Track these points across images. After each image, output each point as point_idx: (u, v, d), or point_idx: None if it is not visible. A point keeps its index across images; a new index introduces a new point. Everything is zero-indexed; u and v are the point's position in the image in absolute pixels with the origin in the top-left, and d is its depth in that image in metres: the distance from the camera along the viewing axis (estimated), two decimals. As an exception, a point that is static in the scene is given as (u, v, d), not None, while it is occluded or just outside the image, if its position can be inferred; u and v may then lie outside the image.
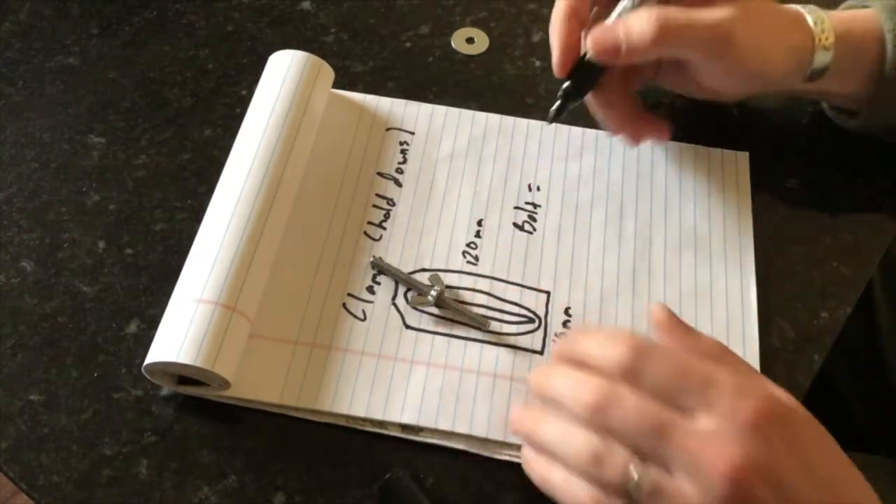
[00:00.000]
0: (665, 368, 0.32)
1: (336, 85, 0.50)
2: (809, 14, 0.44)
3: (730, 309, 0.43)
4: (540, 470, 0.35)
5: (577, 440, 0.33)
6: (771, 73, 0.44)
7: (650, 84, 0.48)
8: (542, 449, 0.35)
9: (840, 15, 0.45)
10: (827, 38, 0.43)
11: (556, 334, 0.42)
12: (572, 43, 0.43)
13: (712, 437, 0.31)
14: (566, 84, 0.44)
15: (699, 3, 0.42)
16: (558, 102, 0.44)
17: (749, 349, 0.42)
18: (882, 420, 0.57)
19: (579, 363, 0.35)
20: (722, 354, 0.35)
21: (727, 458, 0.30)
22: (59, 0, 0.55)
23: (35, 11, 0.55)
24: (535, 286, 0.43)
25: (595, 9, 0.45)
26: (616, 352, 0.33)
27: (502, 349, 0.41)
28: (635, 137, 0.46)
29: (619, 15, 0.43)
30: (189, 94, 0.51)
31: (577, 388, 0.33)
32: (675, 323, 0.37)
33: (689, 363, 0.33)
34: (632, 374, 0.33)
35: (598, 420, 0.32)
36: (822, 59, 0.44)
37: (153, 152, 0.48)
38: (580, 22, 0.43)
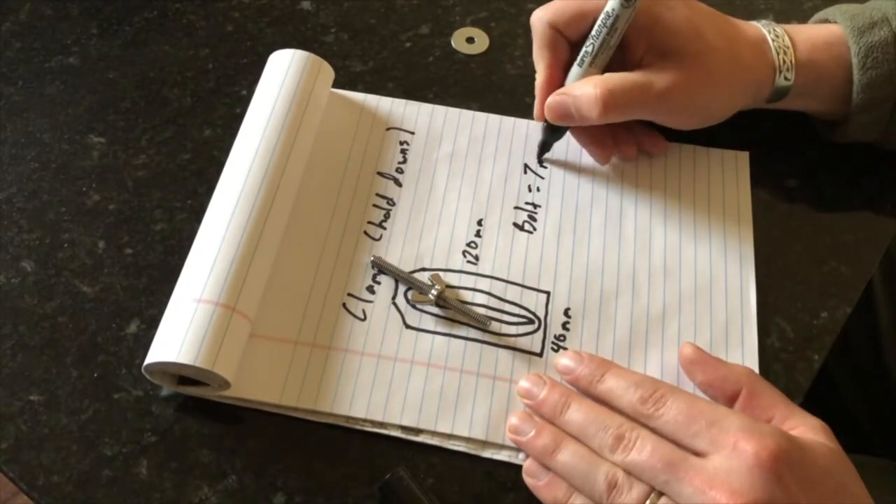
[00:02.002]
0: (674, 413, 0.35)
1: (336, 85, 0.50)
2: (773, 40, 0.44)
3: (730, 309, 0.43)
4: (557, 493, 0.36)
5: (598, 471, 0.35)
6: (725, 114, 0.45)
7: None
8: (558, 473, 0.36)
9: (803, 34, 0.45)
10: (788, 69, 0.44)
11: (555, 336, 0.42)
12: (547, 95, 0.45)
13: (718, 475, 0.32)
14: (544, 126, 0.47)
15: (649, 59, 0.43)
16: (541, 140, 0.47)
17: (749, 349, 0.42)
18: (883, 420, 0.57)
19: (597, 397, 0.38)
20: (752, 383, 0.37)
21: (730, 497, 0.31)
22: (59, 0, 0.55)
23: (35, 11, 0.55)
24: (535, 286, 0.43)
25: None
26: (636, 395, 0.36)
27: (502, 350, 0.41)
28: (627, 157, 0.48)
29: (571, 79, 0.44)
30: (189, 94, 0.51)
31: (602, 424, 0.36)
32: (703, 358, 0.40)
33: (698, 406, 0.35)
34: (648, 417, 0.35)
35: (619, 456, 0.35)
36: (780, 84, 0.44)
37: (153, 152, 0.48)
38: (556, 76, 0.45)
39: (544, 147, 0.47)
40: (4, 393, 0.40)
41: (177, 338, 0.37)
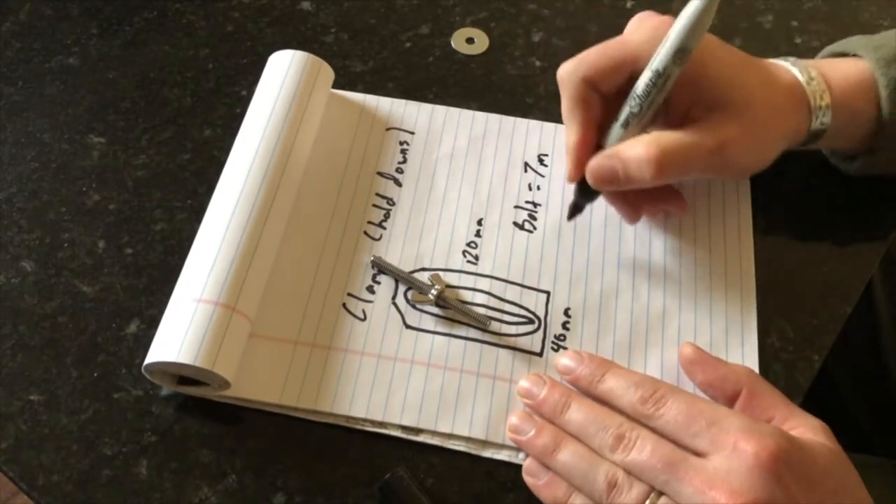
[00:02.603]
0: (674, 413, 0.35)
1: (336, 85, 0.50)
2: (808, 84, 0.42)
3: (730, 309, 0.43)
4: (557, 493, 0.36)
5: (598, 470, 0.35)
6: (764, 165, 0.43)
7: None
8: (558, 472, 0.36)
9: (837, 74, 0.43)
10: (824, 112, 0.42)
11: (555, 336, 0.42)
12: (583, 158, 0.42)
13: (718, 475, 0.32)
14: (577, 188, 0.44)
15: (696, 113, 0.41)
16: (572, 205, 0.45)
17: (749, 349, 0.42)
18: (883, 420, 0.57)
19: (597, 397, 0.38)
20: (752, 383, 0.37)
21: (730, 497, 0.31)
22: (59, 0, 0.55)
23: (35, 11, 0.55)
24: (535, 286, 0.43)
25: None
26: (636, 395, 0.36)
27: (502, 350, 0.41)
28: (651, 215, 0.46)
29: (614, 140, 0.41)
30: (189, 94, 0.51)
31: (603, 423, 0.36)
32: (703, 358, 0.39)
33: (698, 407, 0.35)
34: (648, 417, 0.35)
35: (619, 456, 0.35)
36: (817, 128, 0.43)
37: (153, 152, 0.48)
38: (591, 137, 0.43)
39: (576, 209, 0.45)
40: (4, 393, 0.40)
41: (177, 338, 0.37)
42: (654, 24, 0.41)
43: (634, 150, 0.40)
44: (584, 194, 0.44)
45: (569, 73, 0.41)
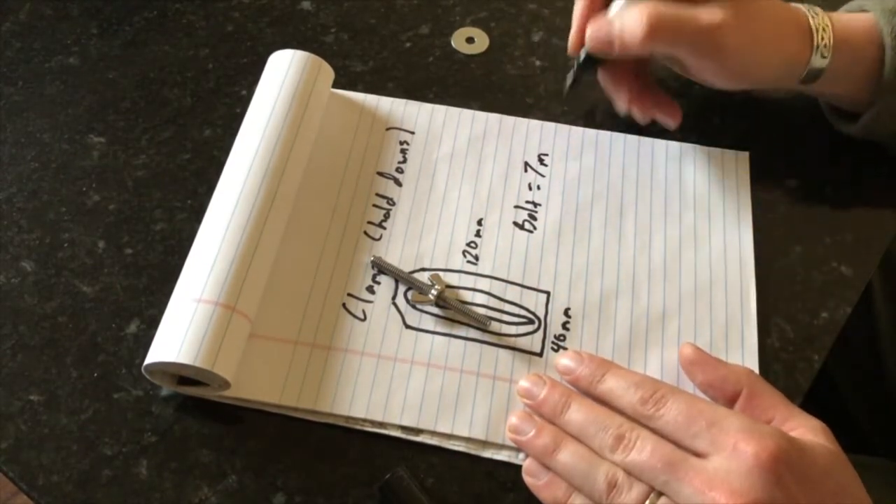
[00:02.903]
0: (674, 413, 0.35)
1: (336, 85, 0.50)
2: (813, 18, 0.44)
3: (729, 309, 0.43)
4: (557, 493, 0.36)
5: (598, 471, 0.35)
6: (760, 77, 0.45)
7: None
8: (558, 473, 0.36)
9: (841, 18, 0.45)
10: (825, 47, 0.44)
11: (555, 336, 0.42)
12: (585, 27, 0.45)
13: (718, 476, 0.32)
14: (578, 60, 0.46)
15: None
16: (572, 73, 0.46)
17: (749, 349, 0.42)
18: (883, 420, 0.57)
19: (597, 398, 0.38)
20: (752, 383, 0.37)
21: (730, 498, 0.31)
22: (59, 0, 0.55)
23: (35, 11, 0.55)
24: (535, 286, 0.43)
25: None
26: (636, 396, 0.36)
27: (502, 350, 0.41)
28: (643, 113, 0.47)
29: (616, 7, 0.43)
30: (189, 94, 0.51)
31: (603, 424, 0.36)
32: (703, 358, 0.40)
33: (698, 407, 0.35)
34: (648, 417, 0.35)
35: (619, 456, 0.35)
36: (817, 64, 0.44)
37: (153, 152, 0.48)
38: (596, 8, 0.45)
39: (575, 83, 0.47)
40: (4, 393, 0.40)
41: (177, 338, 0.37)
42: None
43: (630, 14, 0.42)
44: (584, 65, 0.46)
45: None
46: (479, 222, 0.46)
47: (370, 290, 0.43)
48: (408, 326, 0.42)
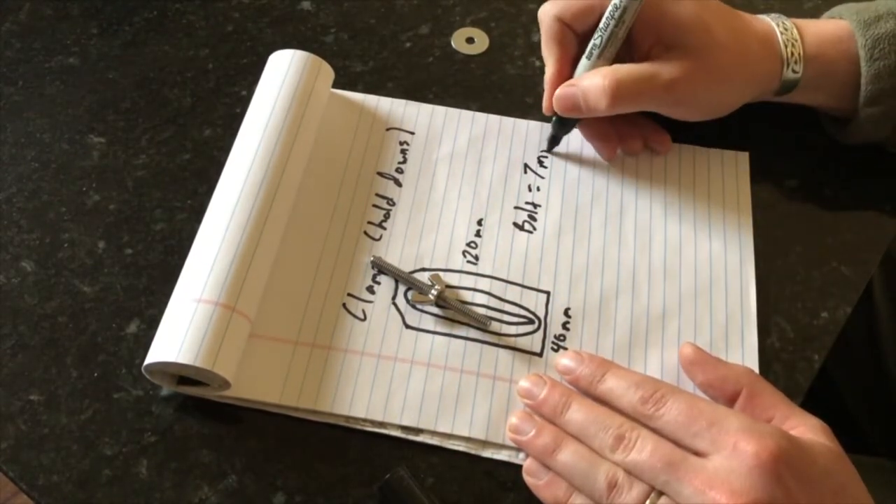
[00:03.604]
0: (675, 413, 0.35)
1: (336, 85, 0.50)
2: (782, 33, 0.44)
3: (730, 309, 0.43)
4: (557, 493, 0.36)
5: (598, 470, 0.35)
6: (733, 105, 0.46)
7: None
8: (558, 472, 0.36)
9: (812, 28, 0.45)
10: (796, 61, 0.44)
11: (555, 336, 0.42)
12: (554, 88, 0.46)
13: (718, 475, 0.32)
14: (553, 120, 0.47)
15: (657, 52, 0.43)
16: (551, 134, 0.48)
17: (749, 349, 0.42)
18: (883, 420, 0.57)
19: (597, 397, 0.38)
20: (752, 383, 0.38)
21: (730, 497, 0.31)
22: (59, 0, 0.55)
23: (35, 11, 0.55)
24: (535, 286, 0.43)
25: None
26: (636, 396, 0.36)
27: (502, 350, 0.41)
28: (632, 152, 0.48)
29: (580, 72, 0.45)
30: (189, 94, 0.51)
31: (603, 424, 0.36)
32: (703, 358, 0.40)
33: (699, 407, 0.35)
34: (649, 417, 0.35)
35: (619, 456, 0.35)
36: (789, 77, 0.45)
37: (153, 152, 0.48)
38: (564, 72, 0.46)
39: (554, 141, 0.48)
40: (4, 393, 0.40)
41: (177, 338, 0.37)
42: None
43: (592, 80, 0.43)
44: (560, 125, 0.47)
45: (545, 12, 0.45)
46: (479, 222, 0.46)
47: (370, 290, 0.43)
48: (408, 326, 0.42)
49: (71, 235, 0.45)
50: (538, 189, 0.47)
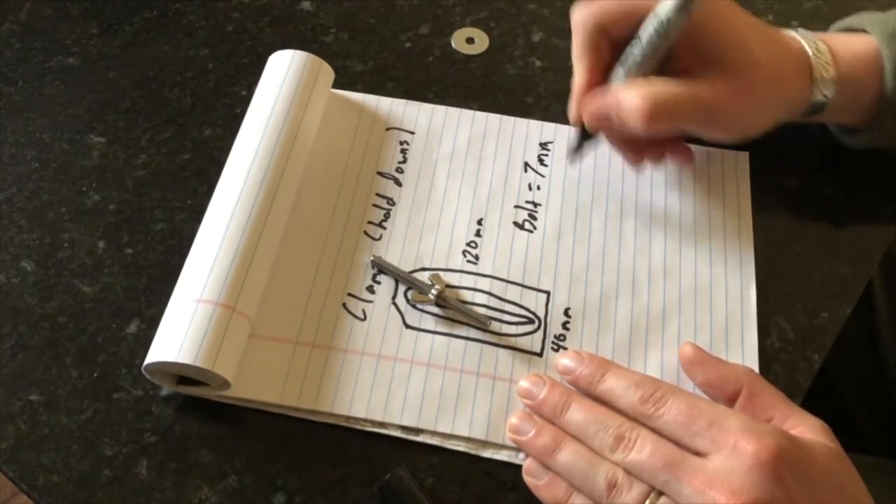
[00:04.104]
0: (674, 413, 0.35)
1: (336, 85, 0.50)
2: (813, 54, 0.43)
3: (730, 309, 0.43)
4: (557, 493, 0.36)
5: (598, 470, 0.35)
6: (761, 129, 0.44)
7: None
8: (558, 472, 0.36)
9: (843, 48, 0.44)
10: (828, 88, 0.43)
11: (555, 336, 0.42)
12: (584, 97, 0.44)
13: (718, 475, 0.32)
14: (579, 130, 0.45)
15: (694, 67, 0.41)
16: (575, 143, 0.46)
17: (749, 349, 0.42)
18: (883, 420, 0.57)
19: (597, 397, 0.38)
20: (752, 383, 0.37)
21: (730, 497, 0.31)
22: (59, 0, 0.55)
23: (35, 11, 0.55)
24: (535, 286, 0.43)
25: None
26: (636, 396, 0.36)
27: (502, 350, 0.41)
28: (655, 163, 0.47)
29: (615, 82, 0.42)
30: (189, 94, 0.51)
31: (603, 423, 0.36)
32: (703, 358, 0.40)
33: (699, 406, 0.35)
34: (649, 417, 0.35)
35: (619, 455, 0.35)
36: (818, 100, 0.44)
37: (153, 152, 0.48)
38: (595, 80, 0.44)
39: (579, 149, 0.46)
40: (4, 393, 0.40)
41: (177, 337, 0.37)
42: None
43: (628, 97, 0.40)
44: (585, 135, 0.45)
45: (583, 16, 0.42)
46: (479, 222, 0.46)
47: (370, 289, 0.43)
48: (408, 326, 0.42)
49: (71, 235, 0.45)
50: (538, 188, 0.47)
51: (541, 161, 0.48)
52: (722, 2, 0.42)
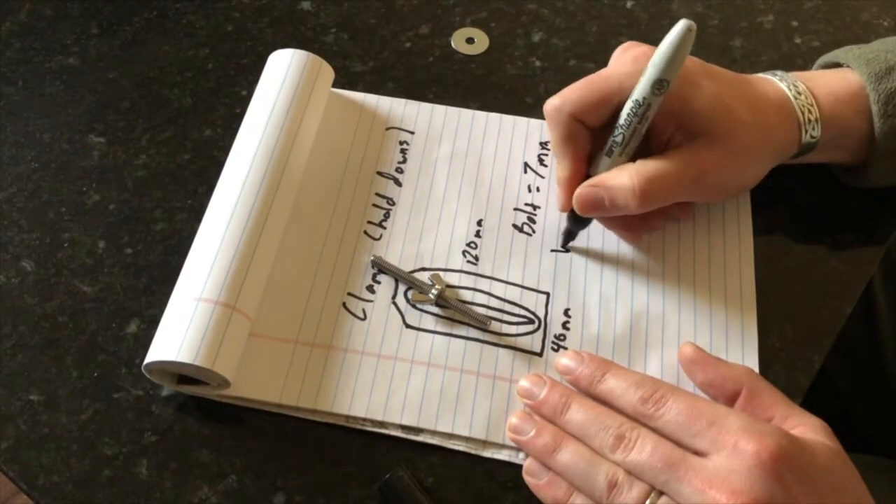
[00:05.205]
0: (675, 413, 0.35)
1: (336, 85, 0.50)
2: (796, 98, 0.43)
3: (730, 309, 0.43)
4: (557, 493, 0.36)
5: (598, 470, 0.35)
6: (754, 182, 0.44)
7: None
8: (558, 472, 0.36)
9: (824, 87, 0.43)
10: (813, 127, 0.43)
11: (555, 336, 0.42)
12: (574, 189, 0.43)
13: (718, 475, 0.32)
14: (569, 216, 0.44)
15: (678, 140, 0.41)
16: (565, 231, 0.45)
17: (749, 349, 0.42)
18: (882, 420, 0.57)
19: (597, 397, 0.38)
20: (752, 382, 0.37)
21: (730, 497, 0.31)
22: (59, 0, 0.55)
23: (35, 11, 0.55)
24: (535, 287, 0.43)
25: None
26: (636, 395, 0.36)
27: (502, 350, 0.41)
28: (653, 230, 0.45)
29: (600, 169, 0.42)
30: (189, 94, 0.51)
31: (603, 423, 0.36)
32: (703, 358, 0.39)
33: (699, 406, 0.35)
34: (649, 417, 0.35)
35: (619, 455, 0.35)
36: (808, 142, 0.43)
37: (153, 152, 0.48)
38: (580, 170, 0.43)
39: (569, 236, 0.45)
40: (4, 393, 0.40)
41: (177, 337, 0.37)
42: (636, 55, 0.42)
43: (619, 180, 0.40)
44: (576, 221, 0.44)
45: (556, 109, 0.42)
46: (479, 223, 0.46)
47: (370, 289, 0.43)
48: (408, 326, 0.42)
49: (71, 235, 0.45)
50: (538, 190, 0.47)
51: (541, 161, 0.48)
52: (696, 69, 0.41)
